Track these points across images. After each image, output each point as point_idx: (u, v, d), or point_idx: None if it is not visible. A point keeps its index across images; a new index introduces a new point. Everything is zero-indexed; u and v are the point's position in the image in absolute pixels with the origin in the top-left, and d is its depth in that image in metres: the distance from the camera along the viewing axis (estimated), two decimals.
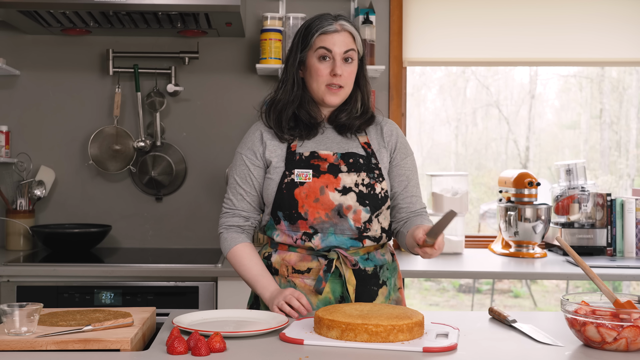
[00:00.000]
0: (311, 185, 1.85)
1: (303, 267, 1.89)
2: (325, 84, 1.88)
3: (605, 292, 1.62)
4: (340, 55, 1.87)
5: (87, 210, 3.32)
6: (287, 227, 1.89)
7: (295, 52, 1.92)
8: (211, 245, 3.30)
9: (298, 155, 1.89)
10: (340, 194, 1.85)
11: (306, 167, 1.87)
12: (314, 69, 1.89)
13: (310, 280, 1.88)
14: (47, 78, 3.31)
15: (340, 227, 1.86)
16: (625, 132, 5.04)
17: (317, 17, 1.92)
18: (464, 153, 5.63)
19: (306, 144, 1.92)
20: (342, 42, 1.87)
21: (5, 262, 2.75)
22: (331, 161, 1.88)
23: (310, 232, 1.87)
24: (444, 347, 1.49)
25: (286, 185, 1.86)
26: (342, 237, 1.87)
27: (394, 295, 1.97)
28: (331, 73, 1.87)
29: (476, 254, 3.20)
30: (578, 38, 3.38)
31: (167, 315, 1.85)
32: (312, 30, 1.89)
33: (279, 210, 1.88)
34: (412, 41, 3.37)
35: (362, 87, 1.97)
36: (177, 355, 1.45)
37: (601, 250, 3.17)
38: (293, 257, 1.90)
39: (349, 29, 1.89)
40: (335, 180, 1.86)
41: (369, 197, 1.87)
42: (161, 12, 2.81)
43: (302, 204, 1.85)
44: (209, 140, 3.33)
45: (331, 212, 1.85)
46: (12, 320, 1.54)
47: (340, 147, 1.93)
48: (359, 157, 1.91)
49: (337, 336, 1.55)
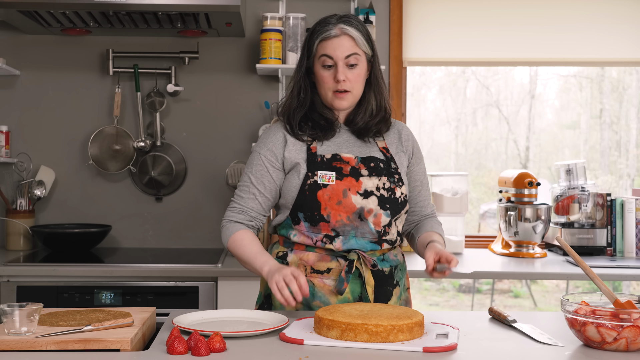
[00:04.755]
0: (334, 187, 1.84)
1: (322, 267, 1.88)
2: (332, 91, 1.88)
3: (605, 292, 1.62)
4: (342, 61, 1.86)
5: (87, 210, 3.32)
6: (307, 229, 1.88)
7: (302, 60, 1.92)
8: (211, 245, 3.30)
9: (319, 157, 1.88)
10: (362, 197, 1.85)
11: (329, 169, 1.86)
12: (319, 76, 1.89)
13: (330, 280, 1.88)
14: (47, 78, 3.31)
15: (361, 230, 1.87)
16: (625, 132, 5.04)
17: (320, 21, 1.91)
18: (464, 153, 5.63)
19: (326, 146, 1.92)
20: (343, 46, 1.85)
21: (5, 262, 2.75)
22: (353, 164, 1.88)
23: (332, 234, 1.87)
24: (444, 347, 1.49)
25: (309, 187, 1.85)
26: (363, 240, 1.88)
27: (404, 296, 1.99)
28: (335, 79, 1.86)
29: (476, 254, 3.19)
30: (578, 38, 3.38)
31: (167, 315, 1.85)
32: (314, 37, 1.88)
33: (299, 212, 1.88)
34: (412, 41, 3.37)
35: (374, 87, 1.95)
36: (177, 355, 1.45)
37: (601, 250, 3.17)
38: (311, 257, 1.89)
39: (350, 32, 1.86)
40: (357, 183, 1.86)
41: (389, 201, 1.88)
42: (161, 12, 2.81)
43: (324, 206, 1.84)
44: (209, 140, 3.33)
45: (352, 215, 1.85)
46: (12, 320, 1.53)
47: (360, 151, 1.93)
48: (379, 162, 1.91)
49: (337, 336, 1.55)
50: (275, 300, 1.93)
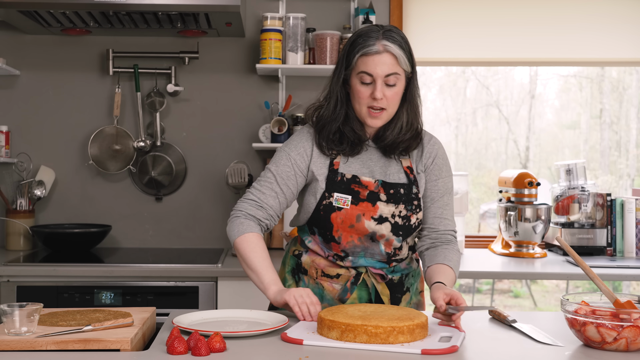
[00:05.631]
0: (348, 212, 1.83)
1: (332, 272, 1.91)
2: (367, 106, 1.82)
3: (605, 292, 1.62)
4: (381, 78, 1.78)
5: (87, 210, 3.32)
6: (321, 242, 1.91)
7: (340, 70, 1.86)
8: (211, 245, 3.30)
9: (340, 175, 1.86)
10: (376, 223, 1.85)
11: (346, 192, 1.84)
12: (355, 90, 1.83)
13: (338, 285, 1.90)
14: (47, 78, 3.31)
15: (371, 251, 1.88)
16: (625, 132, 5.04)
17: (362, 33, 1.82)
18: (464, 153, 5.63)
19: (349, 163, 1.88)
20: (383, 64, 1.78)
21: (5, 262, 2.75)
22: (371, 189, 1.85)
23: (342, 255, 1.88)
24: (443, 350, 1.47)
25: (324, 207, 1.85)
26: (372, 259, 1.89)
27: (414, 299, 1.99)
28: (371, 96, 1.81)
29: (476, 254, 3.19)
30: (578, 38, 3.38)
31: (167, 315, 1.85)
32: (355, 50, 1.80)
33: (314, 226, 1.90)
34: (412, 41, 3.34)
35: (408, 105, 1.87)
36: (177, 355, 1.45)
37: (601, 250, 3.17)
38: (322, 262, 1.92)
39: (392, 50, 1.78)
40: (373, 208, 1.84)
41: (403, 228, 1.87)
42: (161, 12, 2.81)
43: (336, 229, 1.85)
44: (209, 140, 3.33)
45: (364, 237, 1.86)
46: (12, 320, 1.53)
47: (382, 171, 1.88)
48: (399, 187, 1.86)
49: (337, 337, 1.55)
50: None
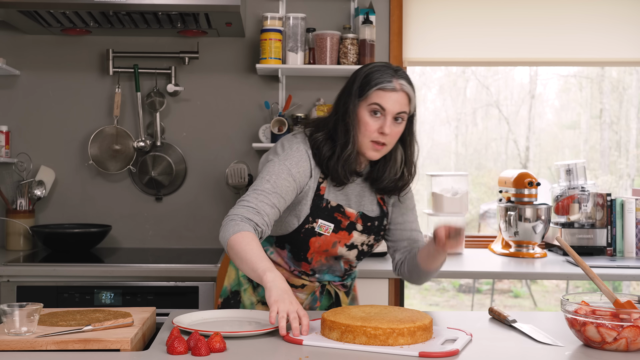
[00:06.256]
0: (327, 238, 1.91)
1: (297, 283, 1.98)
2: (371, 139, 1.84)
3: (605, 292, 1.62)
4: (392, 115, 1.82)
5: (87, 210, 3.32)
6: (288, 258, 1.96)
7: (349, 97, 1.85)
8: (211, 245, 3.30)
9: (325, 202, 1.90)
10: (347, 249, 1.95)
11: (329, 219, 1.90)
12: (362, 121, 1.83)
13: (303, 295, 1.99)
14: (47, 78, 3.31)
15: (333, 269, 2.00)
16: (625, 132, 5.04)
17: (377, 69, 1.85)
18: (464, 153, 5.63)
19: (334, 190, 1.92)
20: (397, 102, 1.82)
21: (5, 262, 2.75)
22: (352, 219, 1.93)
23: (310, 273, 1.98)
24: (442, 353, 1.45)
25: (305, 231, 1.89)
26: (333, 275, 2.01)
27: (351, 295, 2.11)
28: (379, 130, 1.82)
29: (476, 254, 3.19)
30: (578, 38, 3.38)
31: (167, 315, 1.85)
32: (372, 83, 1.82)
33: (287, 244, 1.94)
34: (412, 41, 3.37)
35: (405, 146, 1.92)
36: (177, 355, 1.45)
37: (601, 250, 3.17)
38: (285, 272, 1.98)
39: (407, 90, 1.83)
40: (349, 237, 1.93)
41: (366, 254, 2.01)
42: (161, 12, 2.81)
43: (312, 252, 1.92)
44: (209, 140, 3.33)
45: (332, 258, 1.96)
46: (12, 320, 1.54)
47: (357, 201, 1.96)
48: (375, 220, 1.97)
49: (337, 337, 1.55)
50: (245, 299, 1.98)
